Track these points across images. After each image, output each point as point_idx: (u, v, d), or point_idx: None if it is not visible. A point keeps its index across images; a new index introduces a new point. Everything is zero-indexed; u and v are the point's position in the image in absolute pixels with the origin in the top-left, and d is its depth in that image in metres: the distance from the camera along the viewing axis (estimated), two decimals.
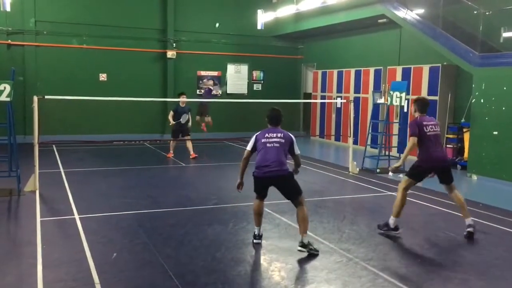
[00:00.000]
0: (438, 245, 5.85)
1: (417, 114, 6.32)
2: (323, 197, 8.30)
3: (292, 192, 5.51)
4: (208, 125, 13.60)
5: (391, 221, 6.09)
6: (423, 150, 6.16)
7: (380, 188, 9.11)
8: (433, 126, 6.21)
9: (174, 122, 11.91)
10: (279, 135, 5.49)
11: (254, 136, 5.59)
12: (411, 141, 6.13)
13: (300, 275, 4.78)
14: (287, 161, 5.54)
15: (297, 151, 5.59)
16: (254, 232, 5.72)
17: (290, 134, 5.58)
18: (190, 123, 12.08)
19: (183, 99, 11.92)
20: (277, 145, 5.43)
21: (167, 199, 7.94)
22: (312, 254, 5.25)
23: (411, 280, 4.71)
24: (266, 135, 5.51)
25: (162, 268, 4.84)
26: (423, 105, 6.34)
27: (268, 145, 5.44)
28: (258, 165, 5.47)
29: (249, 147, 5.59)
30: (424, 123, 6.17)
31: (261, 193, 5.64)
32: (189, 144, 11.99)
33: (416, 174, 6.25)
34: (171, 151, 12.16)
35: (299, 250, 5.27)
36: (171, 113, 12.06)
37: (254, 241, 5.67)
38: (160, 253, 5.26)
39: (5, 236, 5.92)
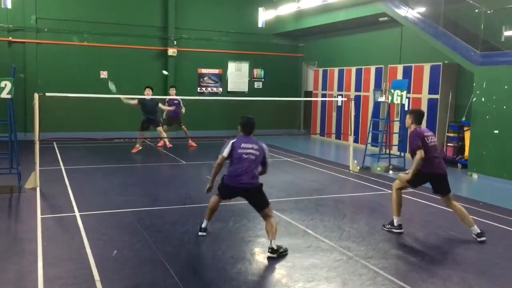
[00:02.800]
0: (438, 243, 5.86)
1: (413, 126, 6.25)
2: (323, 195, 8.31)
3: (260, 204, 5.52)
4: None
5: (396, 220, 6.12)
6: (426, 161, 5.98)
7: (381, 186, 9.11)
8: (432, 137, 6.17)
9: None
10: (255, 146, 5.52)
11: (231, 143, 5.56)
12: (418, 154, 5.91)
13: (300, 273, 4.78)
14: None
15: (267, 160, 5.63)
16: (201, 224, 5.84)
17: (263, 144, 5.60)
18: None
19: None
20: (253, 157, 5.46)
21: (167, 196, 7.95)
22: (283, 255, 5.22)
23: (411, 278, 4.71)
24: (243, 145, 5.51)
25: (162, 266, 4.84)
26: (419, 116, 6.30)
27: (244, 156, 5.45)
28: (231, 174, 5.50)
29: (225, 153, 5.52)
30: (425, 134, 6.10)
31: (225, 198, 5.76)
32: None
33: (417, 179, 6.14)
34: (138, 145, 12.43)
35: (269, 257, 5.14)
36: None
37: (199, 233, 5.79)
38: (161, 250, 5.27)
39: (5, 233, 5.92)
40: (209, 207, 5.79)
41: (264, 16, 16.28)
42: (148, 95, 12.17)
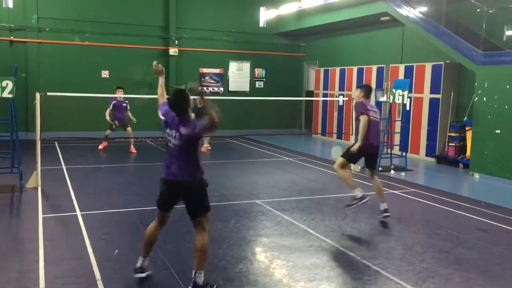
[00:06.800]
0: (440, 243, 5.84)
1: (363, 99, 6.68)
2: (325, 195, 8.30)
3: None
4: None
5: (357, 192, 6.50)
6: (364, 137, 6.44)
7: (383, 186, 9.08)
8: (375, 113, 6.55)
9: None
10: None
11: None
12: (362, 119, 6.41)
13: (301, 272, 4.78)
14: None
15: None
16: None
17: None
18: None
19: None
20: None
21: None
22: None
23: (412, 278, 4.70)
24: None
25: (163, 265, 4.84)
26: (368, 91, 6.74)
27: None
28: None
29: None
30: (369, 107, 6.51)
31: None
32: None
33: (351, 156, 6.63)
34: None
35: None
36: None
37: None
38: (162, 249, 5.26)
39: (7, 233, 5.93)
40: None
41: (266, 15, 16.28)
42: (200, 104, 12.02)
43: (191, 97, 4.34)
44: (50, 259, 4.90)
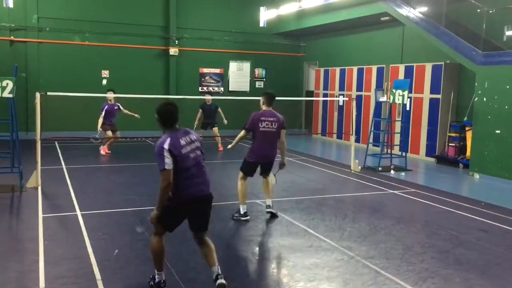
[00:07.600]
0: (440, 243, 5.84)
1: (264, 107, 6.66)
2: (325, 195, 8.30)
3: None
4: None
5: (242, 208, 6.51)
6: (252, 144, 6.52)
7: (382, 186, 9.10)
8: (269, 123, 6.43)
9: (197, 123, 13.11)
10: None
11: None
12: (241, 132, 6.51)
13: (302, 272, 4.78)
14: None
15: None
16: None
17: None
18: (225, 120, 13.47)
19: (208, 97, 13.40)
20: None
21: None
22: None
23: (412, 278, 4.70)
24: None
25: None
26: (269, 98, 6.73)
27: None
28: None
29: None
30: (262, 118, 6.44)
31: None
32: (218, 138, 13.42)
33: (246, 168, 6.55)
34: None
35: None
36: (200, 111, 13.24)
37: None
38: None
39: (7, 232, 5.93)
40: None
41: (266, 15, 16.28)
42: (208, 101, 13.41)
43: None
44: (50, 259, 4.90)
